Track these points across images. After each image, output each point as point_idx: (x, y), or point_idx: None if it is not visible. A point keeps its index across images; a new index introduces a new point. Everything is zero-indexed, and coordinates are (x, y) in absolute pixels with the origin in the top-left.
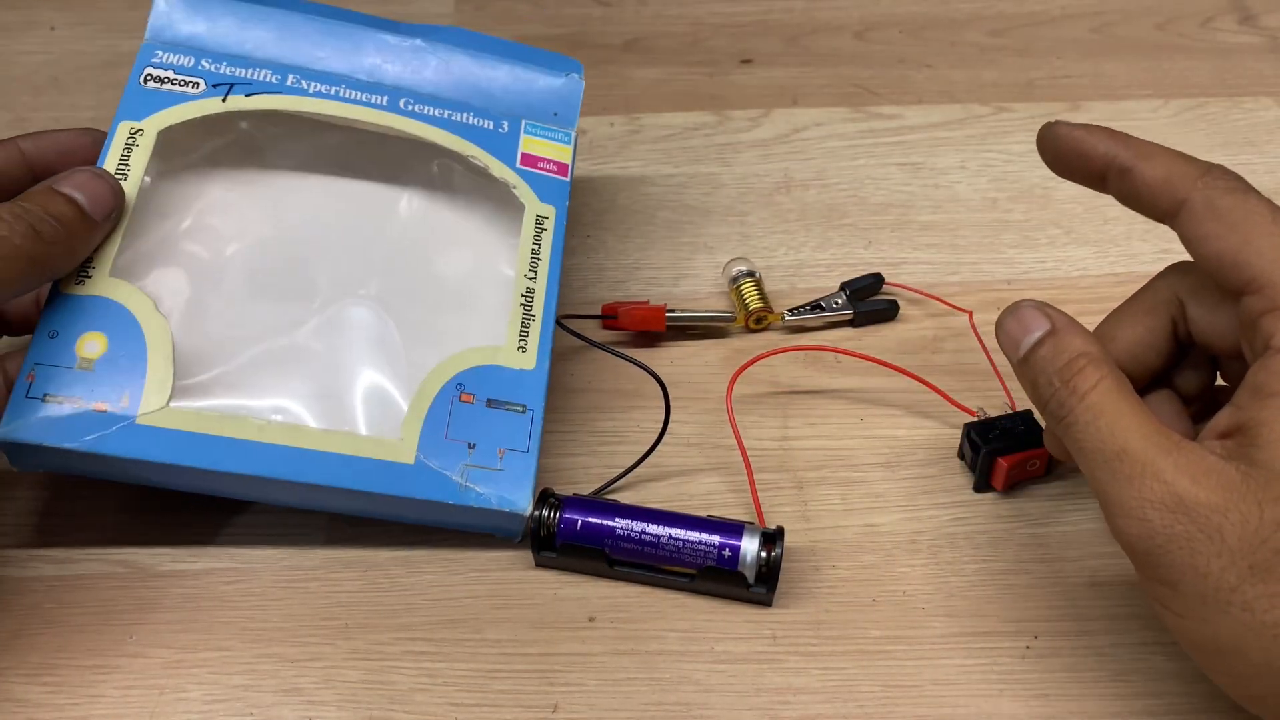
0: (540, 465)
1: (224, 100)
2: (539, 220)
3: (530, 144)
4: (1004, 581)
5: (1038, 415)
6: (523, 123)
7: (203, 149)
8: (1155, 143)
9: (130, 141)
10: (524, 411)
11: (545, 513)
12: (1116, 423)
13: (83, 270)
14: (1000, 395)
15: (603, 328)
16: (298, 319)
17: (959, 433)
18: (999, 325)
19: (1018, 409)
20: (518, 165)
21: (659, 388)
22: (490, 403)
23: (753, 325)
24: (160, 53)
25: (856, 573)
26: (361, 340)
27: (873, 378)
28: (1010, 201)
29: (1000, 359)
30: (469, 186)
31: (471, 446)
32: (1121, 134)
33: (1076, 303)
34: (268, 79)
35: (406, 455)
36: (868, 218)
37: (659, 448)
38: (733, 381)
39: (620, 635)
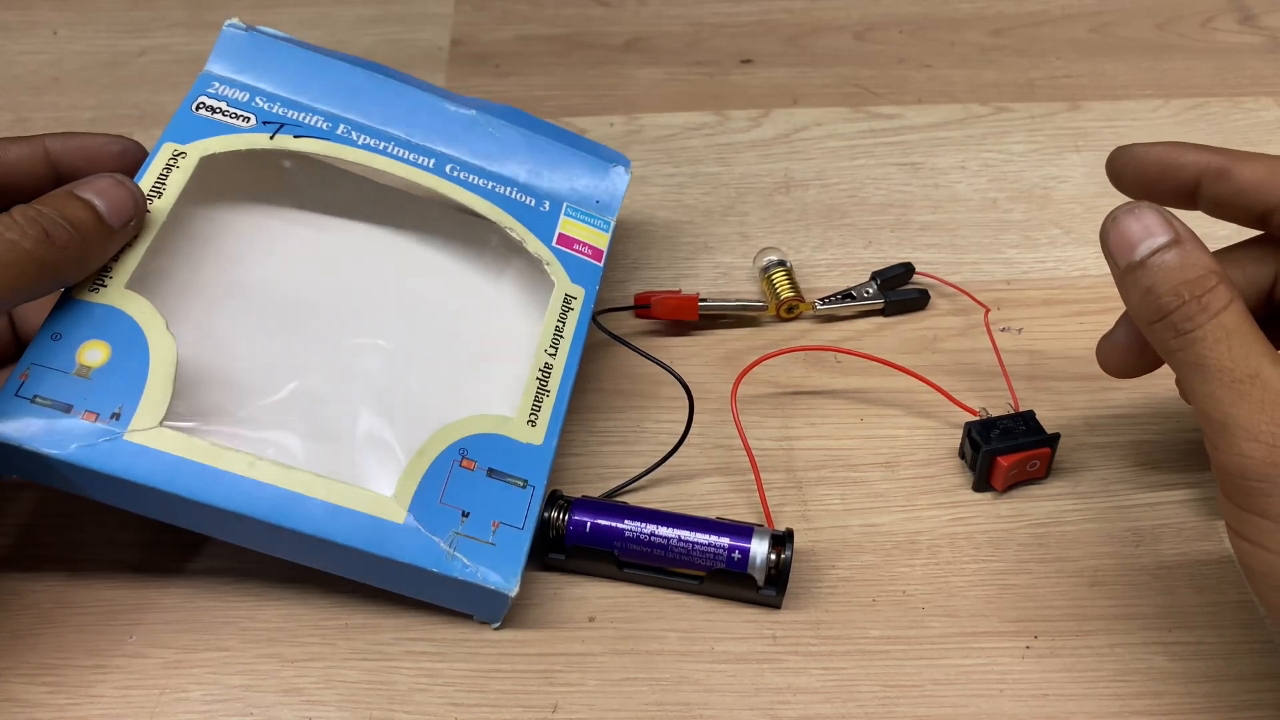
0: None
1: (271, 138)
2: (567, 300)
3: (568, 226)
4: (1004, 581)
5: (1044, 418)
6: (564, 205)
7: (242, 181)
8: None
9: (172, 162)
10: (525, 487)
11: (554, 514)
12: (1250, 346)
13: (98, 278)
14: (1004, 395)
15: (635, 316)
16: (308, 361)
17: (959, 432)
18: (1112, 222)
19: (1021, 409)
20: (553, 244)
21: (659, 388)
22: (491, 472)
23: (784, 314)
24: (217, 84)
25: (856, 573)
26: (370, 388)
27: (873, 378)
28: (1010, 201)
29: (1011, 359)
30: (502, 256)
31: (465, 515)
32: (1201, 144)
33: (1076, 303)
34: (318, 125)
35: (397, 513)
36: (867, 218)
37: (657, 450)
38: (737, 384)
39: (620, 635)
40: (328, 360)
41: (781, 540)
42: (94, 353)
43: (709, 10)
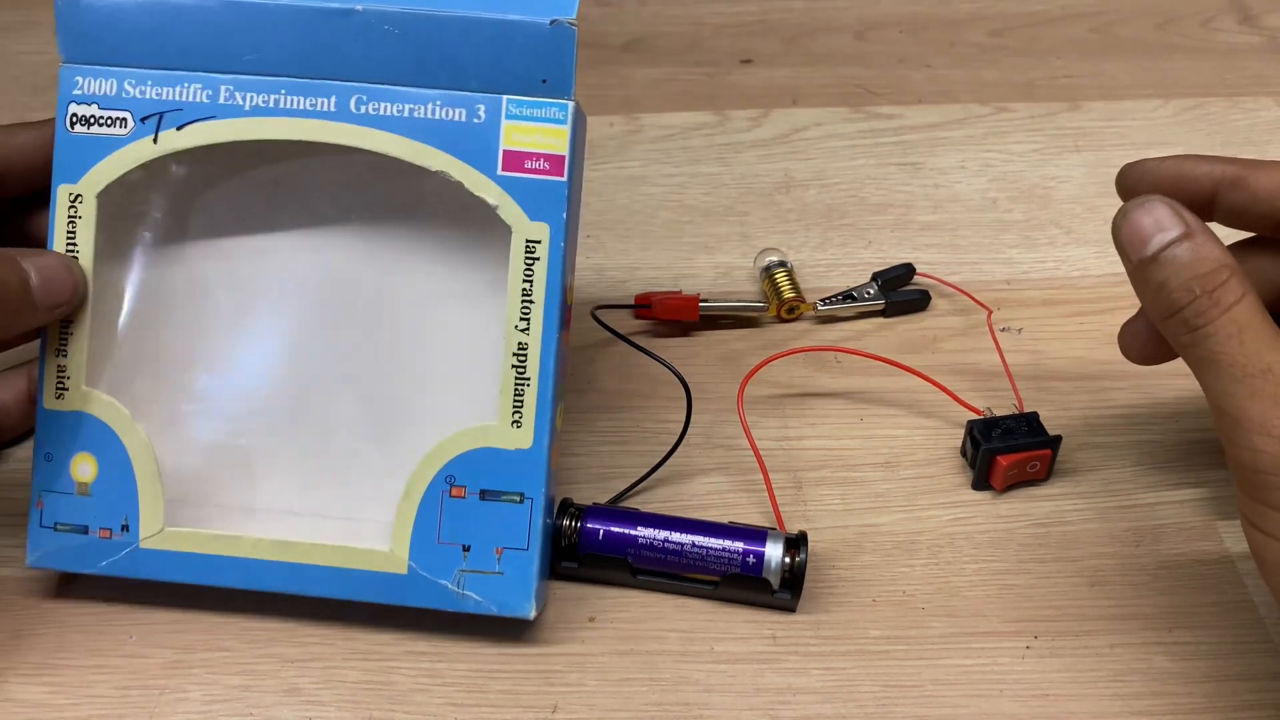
0: None
1: (155, 140)
2: (529, 247)
3: (514, 133)
4: (1004, 581)
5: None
6: (504, 102)
7: (144, 208)
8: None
9: (73, 212)
10: (522, 501)
11: (566, 522)
12: (1263, 340)
13: (59, 382)
14: (1004, 396)
15: (635, 317)
16: (268, 417)
17: (959, 433)
18: (1124, 217)
19: (1025, 410)
20: (499, 172)
21: (659, 388)
22: (484, 494)
23: (785, 315)
24: (80, 78)
25: (856, 573)
26: (341, 432)
27: (873, 378)
28: (1010, 201)
29: (1013, 360)
30: (442, 213)
31: (466, 549)
32: (1214, 155)
33: (1076, 303)
34: (199, 98)
35: (398, 565)
36: (867, 218)
37: (657, 450)
38: (743, 386)
39: (620, 635)
40: (289, 408)
41: (795, 543)
42: (84, 468)
43: (709, 10)
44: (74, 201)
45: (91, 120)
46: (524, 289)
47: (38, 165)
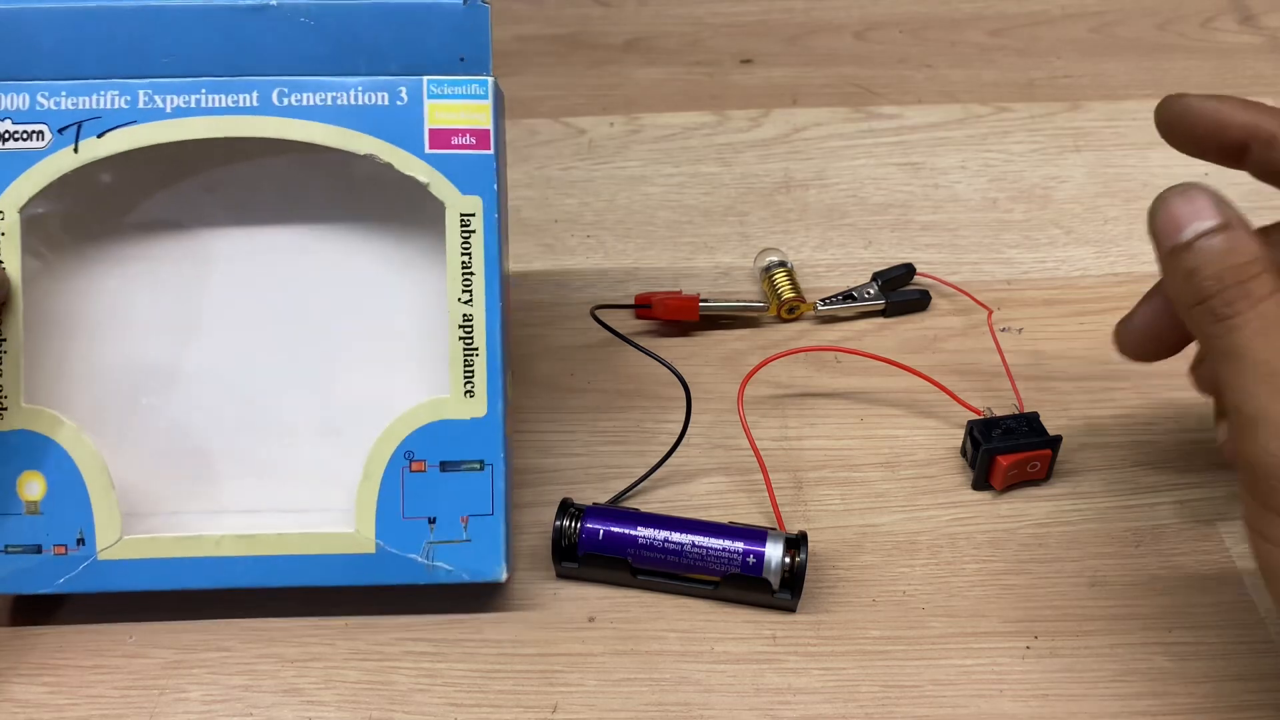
0: (539, 467)
1: (75, 150)
2: (464, 220)
3: (438, 112)
4: (1004, 581)
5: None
6: (424, 83)
7: (73, 220)
8: None
9: None
10: (482, 468)
11: (566, 523)
12: None
13: None
14: (1004, 396)
15: (635, 317)
16: (219, 414)
17: (959, 433)
18: (1161, 203)
19: (1025, 410)
20: (426, 151)
21: (659, 388)
22: (445, 466)
23: (785, 315)
24: None
25: (856, 573)
26: (294, 425)
27: (873, 378)
28: (1010, 201)
29: (1013, 360)
30: (375, 196)
31: (432, 521)
32: (1258, 103)
33: (1076, 303)
34: (117, 104)
35: (366, 545)
36: (868, 218)
37: (657, 450)
38: (743, 386)
39: (620, 635)
40: (237, 405)
41: (795, 543)
42: (32, 485)
43: (709, 10)
44: None
45: (6, 136)
46: (463, 262)
47: None
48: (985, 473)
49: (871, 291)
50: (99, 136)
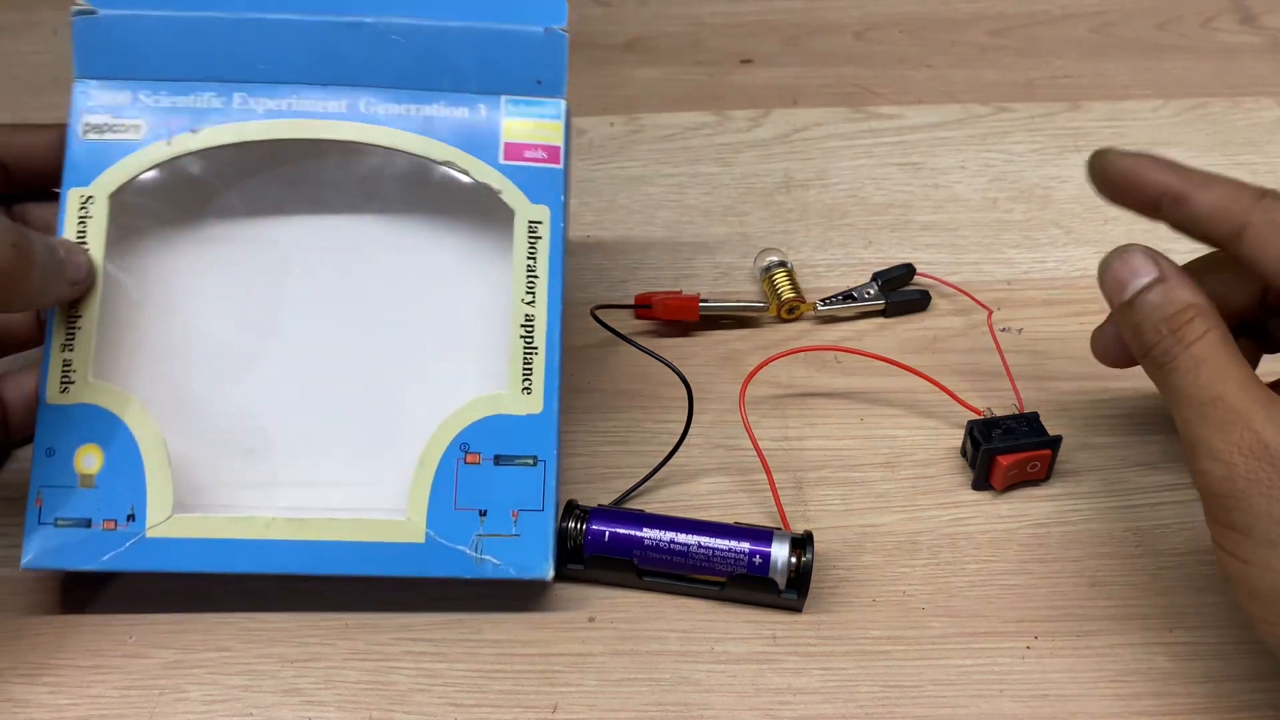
0: None
1: (169, 143)
2: (532, 227)
3: (513, 128)
4: (1004, 581)
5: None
6: (502, 101)
7: (158, 207)
8: (1207, 171)
9: (83, 212)
10: (535, 464)
11: (572, 524)
12: (1217, 372)
13: (65, 375)
14: (1004, 396)
15: (635, 317)
16: (282, 395)
17: (959, 433)
18: (1105, 266)
19: (1025, 410)
20: (501, 161)
21: (659, 388)
22: (499, 460)
23: (785, 315)
24: (94, 92)
25: (856, 573)
26: (354, 409)
27: (873, 378)
28: (1010, 201)
29: (1013, 360)
30: (448, 200)
31: (483, 514)
32: (1173, 162)
33: (1077, 303)
34: (212, 104)
35: (416, 534)
36: (868, 218)
37: (658, 449)
38: (745, 386)
39: (620, 635)
40: (300, 388)
41: (802, 543)
42: (89, 459)
43: (709, 10)
44: (84, 203)
45: (105, 128)
46: (528, 265)
47: (46, 167)
48: (985, 473)
49: (871, 291)
50: (193, 131)
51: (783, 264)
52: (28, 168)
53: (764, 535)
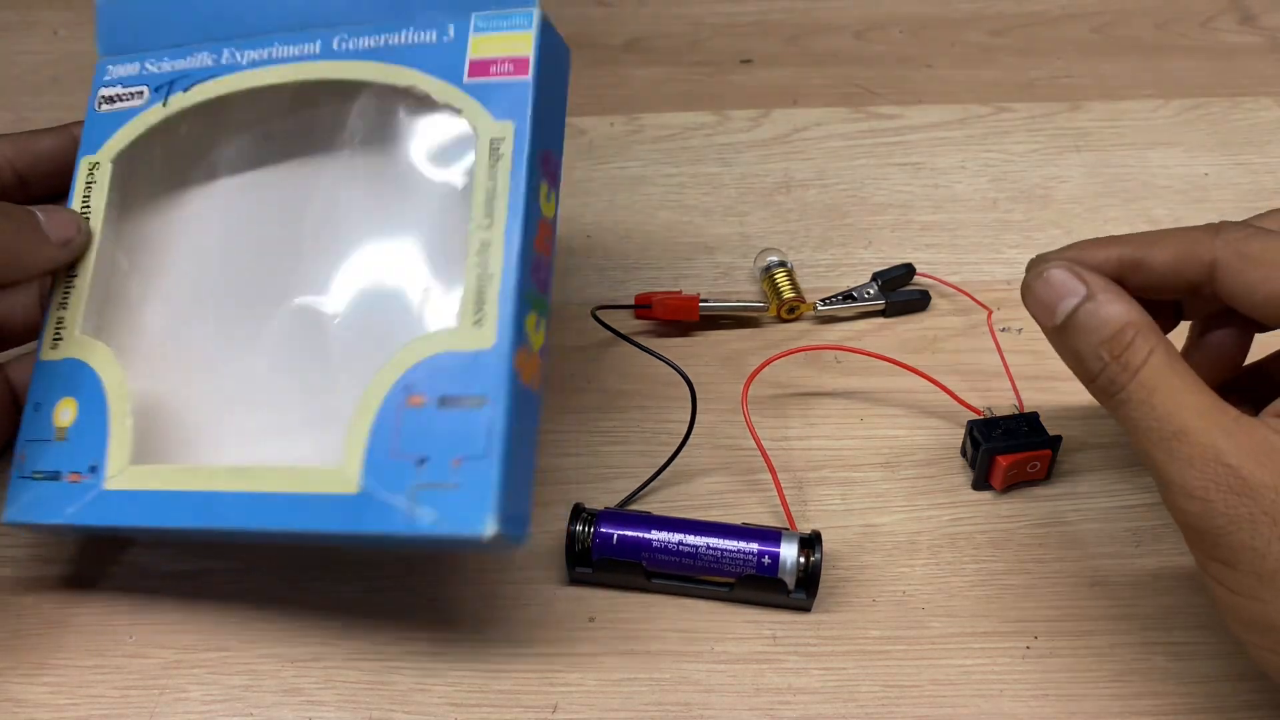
0: (540, 467)
1: (165, 104)
2: (493, 145)
3: (480, 46)
4: (1004, 581)
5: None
6: (472, 19)
7: (155, 168)
8: (1149, 231)
9: (89, 179)
10: (481, 405)
11: (579, 528)
12: (1173, 399)
13: (56, 332)
14: (1005, 397)
15: (635, 317)
16: (240, 341)
17: (960, 433)
18: (1026, 290)
19: (1025, 410)
20: (465, 81)
21: (660, 388)
22: (444, 401)
23: (785, 315)
24: (111, 68)
25: (856, 573)
26: (303, 354)
27: (873, 378)
28: (1010, 201)
29: (1013, 360)
30: (411, 131)
31: (422, 461)
32: (1109, 237)
33: None
34: (204, 63)
35: (349, 485)
36: (868, 218)
37: (659, 449)
38: (747, 386)
39: (620, 635)
40: (257, 334)
41: (810, 543)
42: (65, 412)
43: (709, 10)
44: (91, 170)
45: (115, 99)
46: (487, 188)
47: (60, 169)
48: (985, 473)
49: (871, 291)
50: (185, 90)
51: (783, 264)
52: (43, 172)
53: (772, 535)
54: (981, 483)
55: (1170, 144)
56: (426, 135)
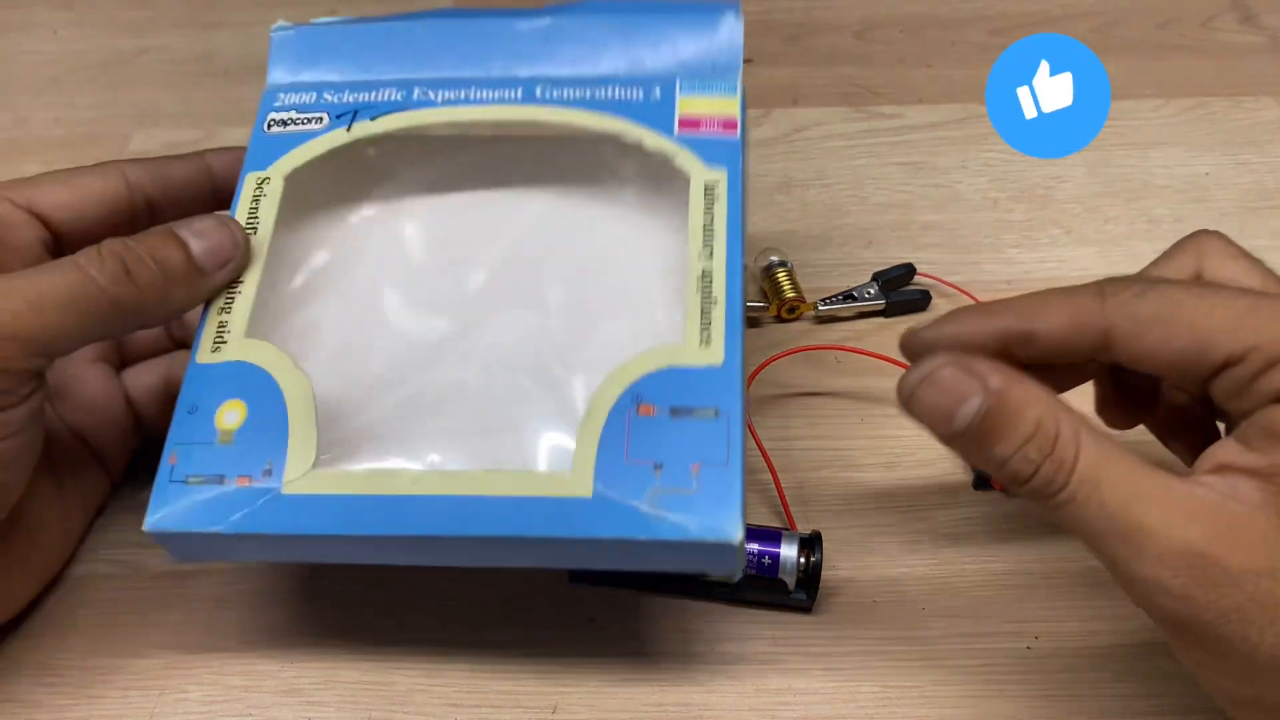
0: None
1: (349, 129)
2: (708, 189)
3: (688, 105)
4: (1004, 581)
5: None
6: (677, 82)
7: (334, 186)
8: (1021, 295)
9: (258, 192)
10: (717, 416)
11: None
12: (1121, 489)
13: (218, 336)
14: None
15: None
16: (445, 350)
17: None
18: (910, 399)
19: None
20: (676, 133)
21: None
22: (675, 412)
23: (785, 315)
24: (281, 94)
25: (856, 573)
26: (518, 364)
27: (874, 378)
28: (1010, 201)
29: None
30: (623, 170)
31: (659, 467)
32: (988, 305)
33: None
34: (392, 98)
35: (582, 488)
36: (868, 218)
37: None
38: (747, 386)
39: (620, 635)
40: (464, 344)
41: (810, 543)
42: (231, 414)
43: None
44: (260, 184)
45: (287, 122)
46: (705, 223)
47: (194, 195)
48: (986, 473)
49: (872, 291)
50: (372, 119)
51: (783, 264)
52: (174, 199)
53: (772, 535)
54: (981, 483)
55: (1171, 144)
56: (637, 174)
